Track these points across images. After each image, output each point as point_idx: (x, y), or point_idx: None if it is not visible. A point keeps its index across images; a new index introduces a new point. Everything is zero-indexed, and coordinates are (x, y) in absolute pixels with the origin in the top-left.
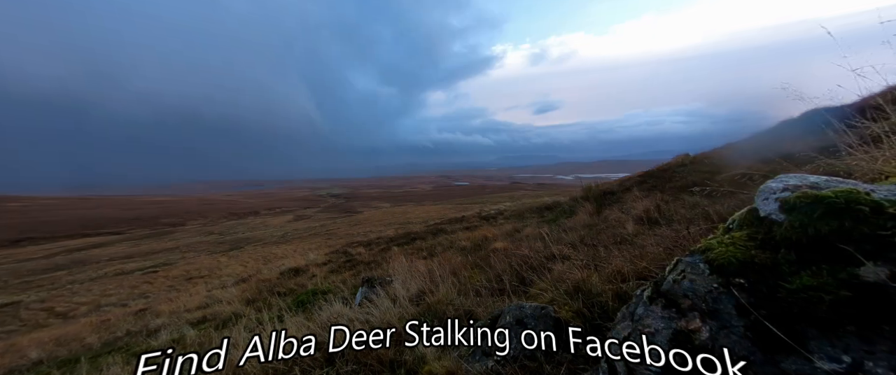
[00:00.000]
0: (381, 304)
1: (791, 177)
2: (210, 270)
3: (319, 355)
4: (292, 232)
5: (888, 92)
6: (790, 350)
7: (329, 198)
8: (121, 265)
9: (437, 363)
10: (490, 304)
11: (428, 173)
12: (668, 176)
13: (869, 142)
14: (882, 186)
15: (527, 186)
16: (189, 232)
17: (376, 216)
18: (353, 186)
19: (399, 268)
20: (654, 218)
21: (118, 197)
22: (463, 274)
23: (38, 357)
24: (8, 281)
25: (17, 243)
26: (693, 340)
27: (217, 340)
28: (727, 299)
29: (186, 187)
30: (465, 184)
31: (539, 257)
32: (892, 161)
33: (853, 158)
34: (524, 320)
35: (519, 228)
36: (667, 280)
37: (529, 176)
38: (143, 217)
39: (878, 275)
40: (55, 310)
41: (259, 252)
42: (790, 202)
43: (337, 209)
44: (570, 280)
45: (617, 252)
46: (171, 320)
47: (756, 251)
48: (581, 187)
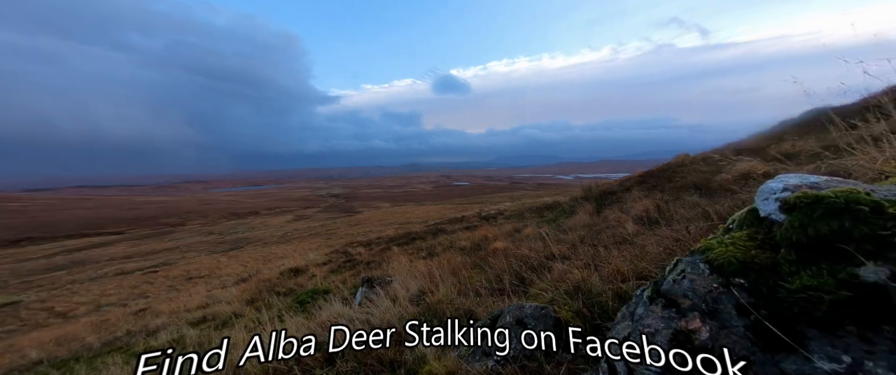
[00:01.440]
0: (381, 304)
1: (791, 177)
2: (210, 270)
3: (319, 355)
4: (292, 232)
5: (889, 92)
6: (790, 350)
7: (329, 198)
8: (121, 265)
9: (437, 363)
10: (490, 304)
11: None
12: (668, 176)
13: (869, 141)
14: (882, 186)
15: (527, 186)
16: (189, 232)
17: (376, 216)
18: (354, 186)
19: (399, 268)
20: (654, 218)
21: (118, 197)
22: (463, 274)
23: (38, 356)
24: (8, 281)
25: (17, 243)
26: (693, 340)
27: (217, 340)
28: (727, 299)
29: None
30: (464, 184)
31: (539, 257)
32: (892, 161)
33: (853, 158)
34: (524, 320)
35: (519, 228)
36: (667, 280)
37: (529, 176)
38: (143, 217)
39: (878, 275)
40: (55, 310)
41: (259, 252)
42: (790, 202)
43: (337, 209)
44: (570, 280)
45: (617, 252)
46: (171, 320)
47: (756, 251)
48: (581, 187)
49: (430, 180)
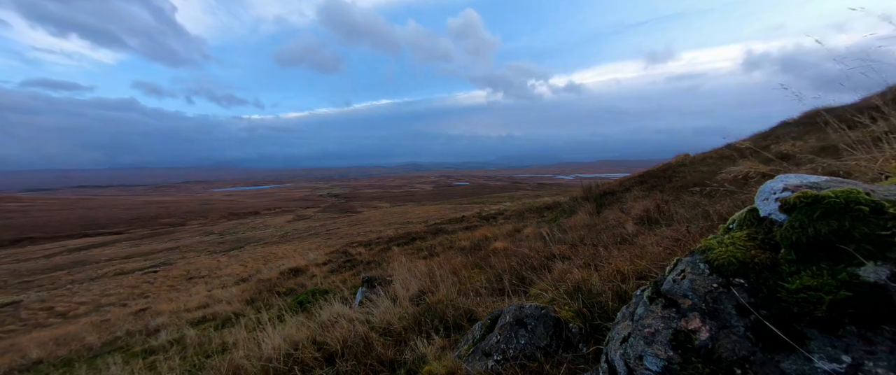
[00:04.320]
0: (381, 304)
1: (791, 177)
2: (210, 270)
3: (320, 354)
4: (292, 232)
5: (887, 92)
6: (790, 350)
7: (329, 198)
8: (121, 265)
9: (437, 363)
10: (490, 304)
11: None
12: (668, 176)
13: (869, 142)
14: (882, 186)
15: (527, 186)
16: (189, 232)
17: (376, 216)
18: (354, 186)
19: (399, 268)
20: (654, 218)
21: (118, 197)
22: (463, 274)
23: (38, 356)
24: (8, 281)
25: (17, 243)
26: (693, 340)
27: (217, 340)
28: (727, 299)
29: None
30: (464, 184)
31: (539, 257)
32: (892, 161)
33: (853, 158)
34: (524, 320)
35: (519, 228)
36: (667, 280)
37: (529, 176)
38: (143, 217)
39: (878, 275)
40: (55, 310)
41: (259, 252)
42: (790, 202)
43: (337, 209)
44: (570, 280)
45: (617, 252)
46: (172, 320)
47: (756, 251)
48: (581, 187)
49: (430, 180)
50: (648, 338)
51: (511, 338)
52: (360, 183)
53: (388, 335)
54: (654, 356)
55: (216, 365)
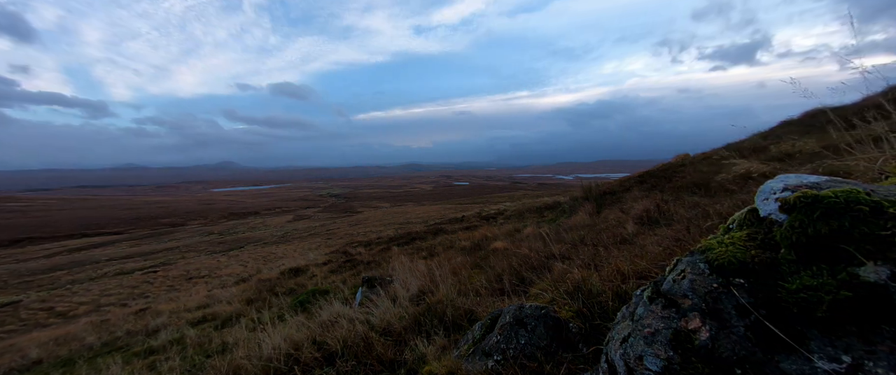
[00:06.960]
0: (381, 304)
1: (791, 177)
2: (210, 270)
3: (320, 354)
4: (292, 232)
5: (888, 91)
6: (790, 350)
7: (329, 198)
8: (121, 265)
9: (437, 363)
10: (490, 304)
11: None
12: (668, 175)
13: (869, 142)
14: (882, 186)
15: (527, 186)
16: (189, 232)
17: (376, 216)
18: (354, 186)
19: (399, 268)
20: (654, 218)
21: (118, 197)
22: (463, 274)
23: (38, 356)
24: (8, 281)
25: (17, 243)
26: (693, 340)
27: (217, 340)
28: (727, 299)
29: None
30: (464, 184)
31: (539, 257)
32: (892, 161)
33: (853, 158)
34: (524, 320)
35: (519, 228)
36: (667, 280)
37: (529, 176)
38: (143, 217)
39: (878, 275)
40: (55, 310)
41: (259, 252)
42: (790, 202)
43: (337, 209)
44: (570, 280)
45: (617, 252)
46: (172, 320)
47: (756, 251)
48: (581, 187)
49: (430, 180)
50: (648, 338)
51: (511, 338)
52: (360, 183)
53: (388, 335)
54: (655, 356)
55: (216, 365)
